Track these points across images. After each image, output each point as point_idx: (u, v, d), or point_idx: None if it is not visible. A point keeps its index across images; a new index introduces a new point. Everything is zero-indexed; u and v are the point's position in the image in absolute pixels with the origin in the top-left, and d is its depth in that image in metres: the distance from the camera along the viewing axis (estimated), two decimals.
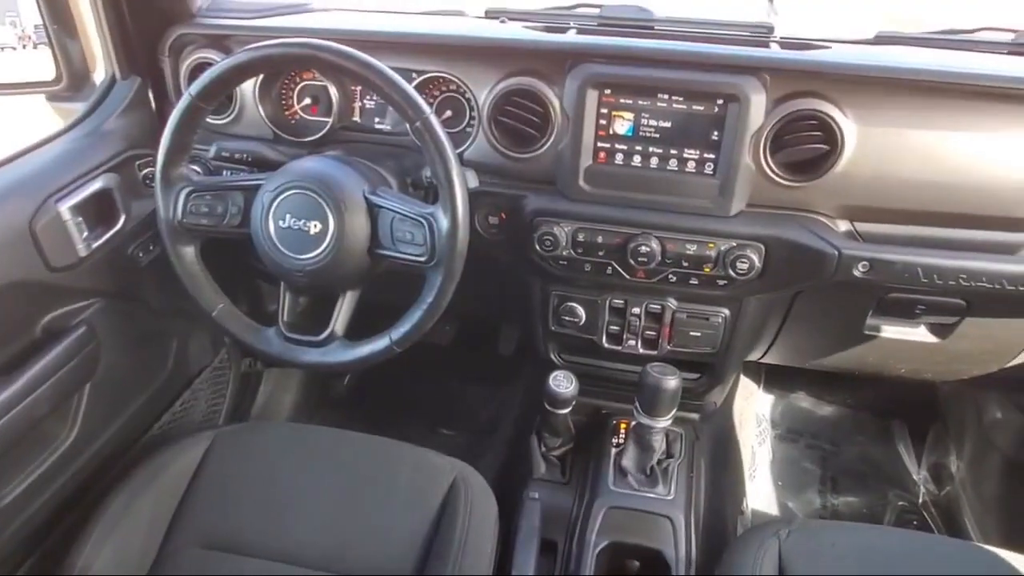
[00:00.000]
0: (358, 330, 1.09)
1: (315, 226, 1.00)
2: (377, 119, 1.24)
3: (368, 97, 1.23)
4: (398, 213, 1.00)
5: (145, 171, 1.24)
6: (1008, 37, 1.22)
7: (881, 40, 1.23)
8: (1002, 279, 1.05)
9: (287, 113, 1.27)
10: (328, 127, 1.22)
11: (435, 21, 1.34)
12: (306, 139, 1.23)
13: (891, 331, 1.28)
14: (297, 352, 1.09)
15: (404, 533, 1.06)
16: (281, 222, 1.01)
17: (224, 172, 1.24)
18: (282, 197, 1.01)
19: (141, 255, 1.24)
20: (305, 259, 1.01)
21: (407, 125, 0.96)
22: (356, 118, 1.24)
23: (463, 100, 1.18)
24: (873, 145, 1.04)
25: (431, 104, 1.15)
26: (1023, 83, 1.02)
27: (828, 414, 2.00)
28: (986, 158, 1.04)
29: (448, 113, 1.19)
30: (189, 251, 1.09)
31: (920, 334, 1.27)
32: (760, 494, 1.77)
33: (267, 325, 1.13)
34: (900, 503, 1.78)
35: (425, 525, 1.07)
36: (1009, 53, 1.20)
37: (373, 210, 1.01)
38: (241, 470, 1.15)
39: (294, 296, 1.11)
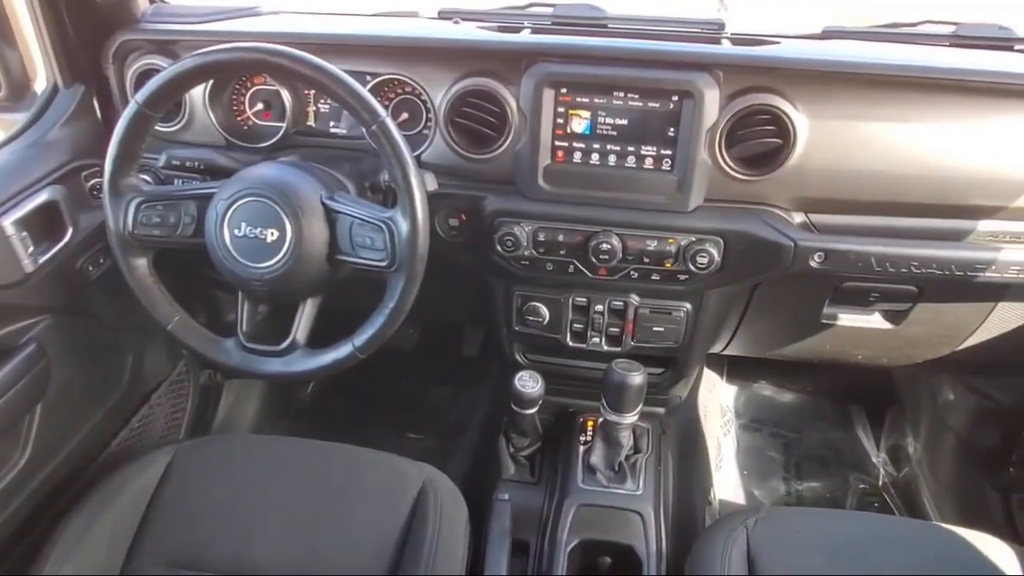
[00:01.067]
0: (320, 338, 1.08)
1: (272, 234, 0.98)
2: (332, 123, 1.22)
3: (322, 101, 1.21)
4: (357, 218, 0.99)
5: (92, 182, 1.21)
6: (949, 30, 1.26)
7: (828, 35, 1.25)
8: (951, 265, 1.09)
9: (239, 119, 1.24)
10: (282, 132, 1.20)
11: (388, 23, 1.32)
12: (260, 145, 1.21)
13: (847, 319, 1.31)
14: (258, 362, 1.07)
15: (374, 540, 1.05)
16: (237, 231, 0.99)
17: (176, 181, 1.21)
18: (237, 205, 0.99)
19: (91, 269, 1.21)
20: (263, 268, 0.99)
21: (363, 129, 0.95)
22: (311, 122, 1.22)
23: (419, 102, 1.17)
24: (824, 138, 1.06)
25: (387, 107, 1.14)
26: (964, 75, 1.05)
27: (789, 402, 2.04)
28: (932, 148, 1.06)
29: (404, 115, 1.18)
30: (141, 263, 1.06)
31: (875, 321, 1.31)
32: (727, 484, 1.80)
33: (226, 336, 1.10)
34: (861, 486, 1.82)
35: (395, 531, 1.06)
36: (950, 45, 1.24)
37: (331, 216, 1.00)
38: (204, 485, 1.12)
39: (253, 305, 1.09)
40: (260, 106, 1.23)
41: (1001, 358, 1.36)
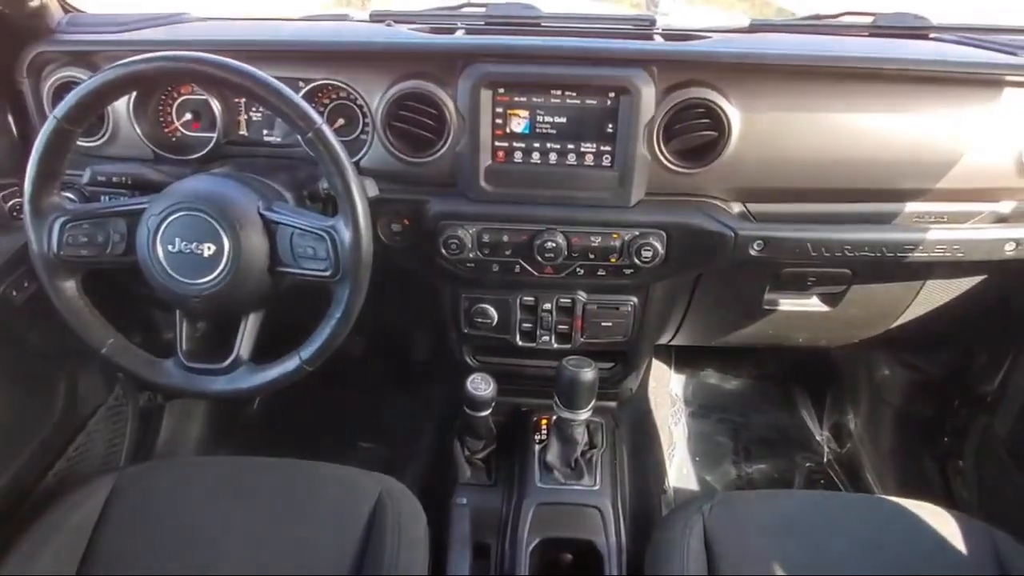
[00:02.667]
0: (266, 352, 1.05)
1: (208, 248, 0.95)
2: (266, 131, 1.19)
3: (254, 109, 1.18)
4: (297, 228, 0.96)
5: (12, 202, 1.15)
6: (868, 20, 1.31)
7: (755, 28, 1.28)
8: (882, 248, 1.13)
9: (167, 130, 1.20)
10: (213, 143, 1.16)
11: (319, 27, 1.30)
12: (190, 157, 1.16)
13: (787, 304, 1.34)
14: (201, 382, 1.04)
15: (331, 557, 1.03)
16: (170, 246, 0.96)
17: (102, 198, 1.15)
18: (169, 220, 0.96)
19: (14, 293, 1.14)
20: (201, 283, 0.96)
21: (299, 137, 0.93)
22: (243, 132, 1.19)
23: (355, 107, 1.15)
24: (757, 129, 1.09)
25: (321, 113, 1.12)
26: (884, 63, 1.09)
27: (735, 387, 2.09)
28: (858, 135, 1.10)
29: (341, 121, 1.15)
30: (69, 285, 1.01)
31: (813, 304, 1.35)
32: (680, 472, 1.83)
33: (165, 356, 1.06)
34: (807, 464, 1.88)
35: (353, 546, 1.04)
36: (870, 35, 1.29)
37: (270, 227, 0.97)
38: (149, 512, 1.08)
39: (192, 323, 1.05)
40: (188, 116, 1.18)
41: (931, 333, 1.42)
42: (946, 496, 1.61)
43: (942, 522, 1.07)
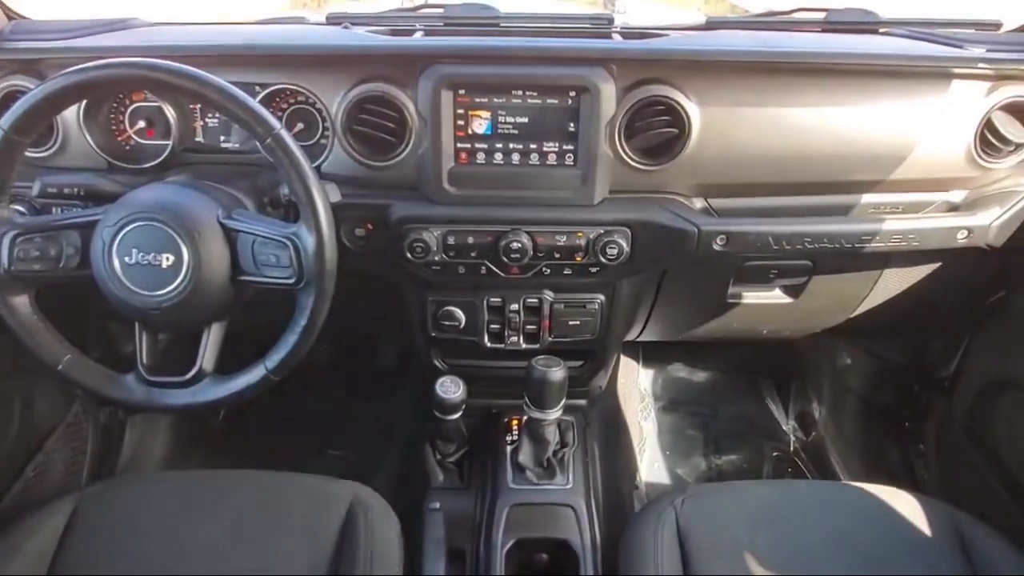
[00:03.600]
0: (230, 362, 1.03)
1: (167, 259, 0.93)
2: (223, 138, 1.16)
3: (210, 115, 1.16)
4: (259, 236, 0.95)
5: None
6: (820, 16, 1.33)
7: (712, 25, 1.30)
8: (841, 239, 1.15)
9: (120, 139, 1.16)
10: (168, 150, 1.13)
11: (274, 30, 1.28)
12: (145, 165, 1.13)
13: (751, 297, 1.36)
14: (163, 396, 1.01)
15: (304, 569, 1.01)
16: (127, 258, 0.93)
17: (54, 210, 1.12)
18: (125, 231, 0.93)
19: None
20: (160, 295, 0.94)
21: (257, 143, 0.91)
22: (199, 138, 1.16)
23: (314, 111, 1.13)
24: (716, 125, 1.10)
25: (280, 118, 1.10)
26: (836, 58, 1.12)
27: (703, 380, 2.12)
28: (814, 129, 1.12)
29: (300, 126, 1.14)
30: (22, 301, 0.98)
31: (776, 296, 1.37)
32: (651, 466, 1.84)
33: (125, 371, 1.03)
34: (775, 454, 1.91)
35: (326, 556, 1.02)
36: (822, 30, 1.31)
37: (231, 235, 0.95)
38: (113, 533, 1.05)
39: (152, 335, 1.03)
40: (142, 124, 1.15)
41: (890, 321, 1.46)
42: (909, 479, 1.65)
43: (906, 506, 1.10)
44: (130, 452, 1.67)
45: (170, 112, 1.12)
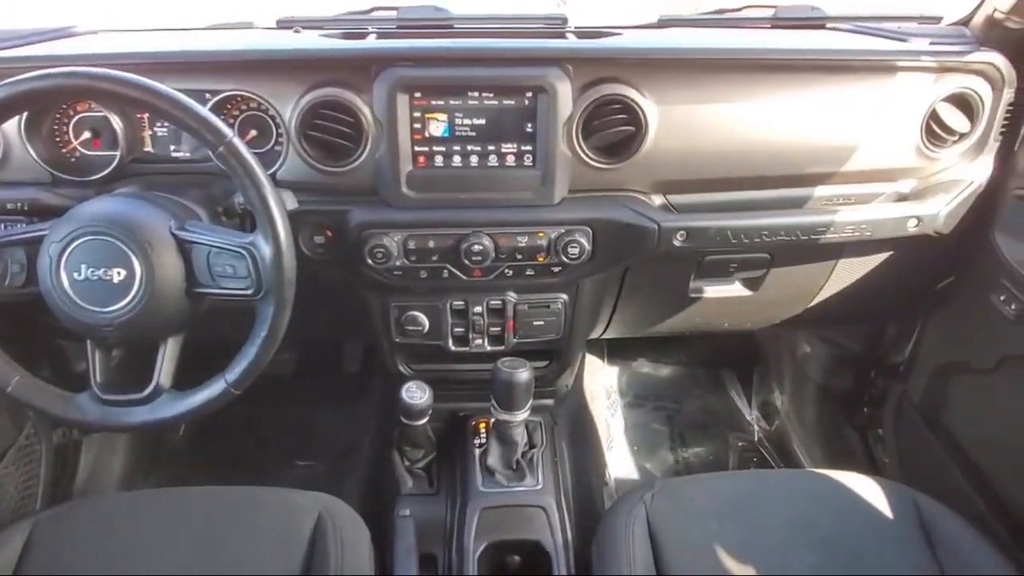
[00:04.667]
0: (189, 377, 1.00)
1: (119, 273, 0.90)
2: (173, 147, 1.13)
3: (159, 124, 1.12)
4: (213, 246, 0.93)
5: None
6: (769, 13, 1.35)
7: (664, 24, 1.31)
8: (797, 231, 1.17)
9: (64, 151, 1.12)
10: (116, 161, 1.09)
11: (223, 36, 1.25)
12: (92, 178, 1.10)
13: (711, 291, 1.38)
14: (120, 414, 0.98)
15: None
16: (76, 274, 0.90)
17: None
18: (73, 246, 0.90)
19: None
20: (113, 311, 0.91)
21: (209, 152, 0.89)
22: (148, 148, 1.13)
23: (267, 118, 1.11)
24: (673, 122, 1.11)
25: (232, 125, 1.08)
26: (786, 54, 1.15)
27: (667, 375, 2.14)
28: (767, 124, 1.14)
29: (253, 133, 1.11)
30: None
31: (736, 289, 1.39)
32: (619, 463, 1.85)
33: (78, 390, 1.00)
34: (740, 444, 1.94)
35: (295, 570, 1.01)
36: (772, 27, 1.33)
37: (184, 247, 0.93)
38: (72, 559, 1.01)
39: (105, 352, 1.00)
40: (87, 135, 1.12)
41: (846, 309, 1.49)
42: (869, 463, 1.69)
43: (867, 489, 1.12)
44: (87, 473, 1.61)
45: (117, 122, 1.09)
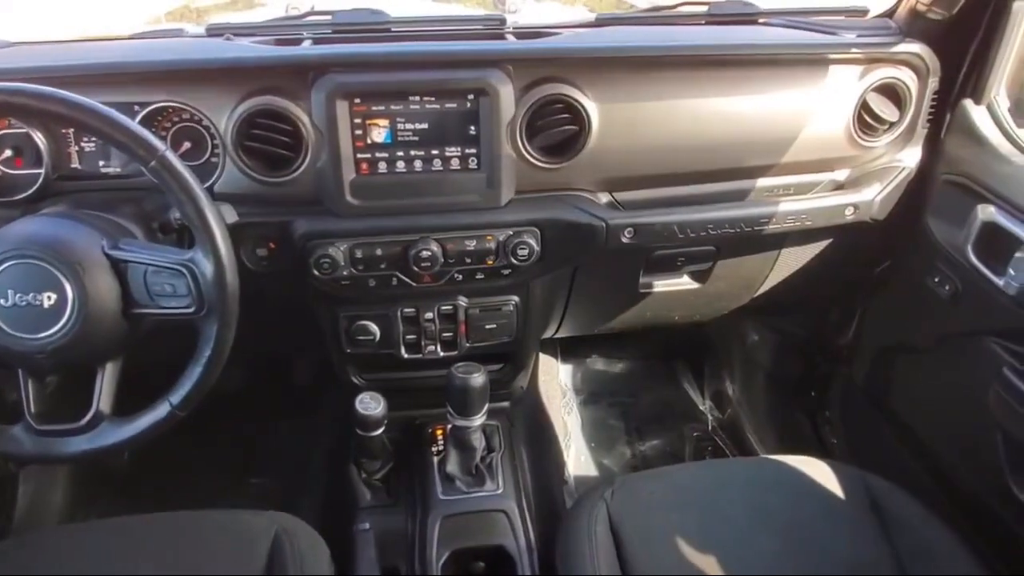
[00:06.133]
0: (131, 400, 0.96)
1: (49, 298, 0.86)
2: (102, 162, 1.08)
3: (85, 139, 1.07)
4: (150, 265, 0.89)
5: None
6: (703, 9, 1.38)
7: (602, 22, 1.32)
8: (740, 223, 1.19)
9: None
10: (41, 180, 1.04)
11: (151, 45, 1.21)
12: (15, 198, 1.04)
13: (661, 285, 1.40)
14: (57, 445, 0.94)
15: None
16: (3, 300, 0.86)
17: None
18: None
19: None
20: (44, 338, 0.87)
21: (141, 166, 0.86)
22: (75, 165, 1.08)
23: (201, 128, 1.07)
24: (615, 120, 1.12)
25: (163, 138, 1.04)
26: (721, 50, 1.16)
27: (621, 370, 2.15)
28: (705, 119, 1.15)
29: (187, 145, 1.07)
30: None
31: (684, 283, 1.41)
32: (578, 460, 1.86)
33: (11, 421, 0.95)
34: (695, 434, 1.96)
35: None
36: (706, 23, 1.35)
37: (119, 266, 0.89)
38: None
39: (39, 380, 0.95)
40: (9, 153, 1.06)
41: (791, 298, 1.53)
42: (819, 446, 1.74)
43: (819, 473, 1.15)
44: (25, 506, 1.54)
45: (40, 139, 1.04)
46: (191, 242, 0.89)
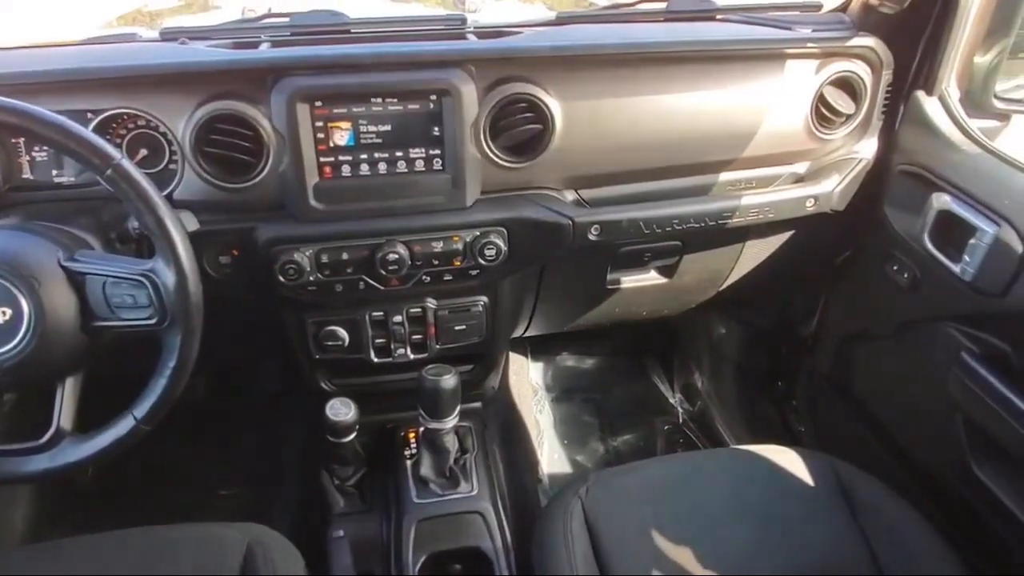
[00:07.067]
0: (93, 416, 0.94)
1: (4, 313, 0.83)
2: (55, 172, 1.05)
3: (37, 148, 1.04)
4: (109, 276, 0.86)
5: None
6: (662, 6, 1.39)
7: (562, 21, 1.32)
8: (705, 217, 1.21)
9: None
10: None
11: (104, 50, 1.17)
12: None
13: (628, 281, 1.41)
14: (16, 465, 0.91)
15: None
16: None
17: None
18: None
19: None
20: (0, 354, 0.84)
21: (96, 175, 0.83)
22: (27, 175, 1.04)
23: (158, 135, 1.05)
24: (578, 118, 1.12)
25: (119, 146, 1.02)
26: (683, 46, 1.17)
27: (591, 367, 2.16)
28: (667, 115, 1.16)
29: (143, 152, 1.05)
30: None
31: (651, 278, 1.42)
32: (551, 458, 1.86)
33: None
34: (666, 428, 1.98)
35: None
36: (665, 20, 1.36)
37: (76, 279, 0.87)
38: None
39: None
40: None
41: (755, 290, 1.55)
42: (787, 435, 1.77)
43: (788, 461, 1.17)
44: None
45: None
46: (151, 252, 0.87)
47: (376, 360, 1.27)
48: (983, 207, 1.06)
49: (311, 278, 1.10)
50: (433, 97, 1.06)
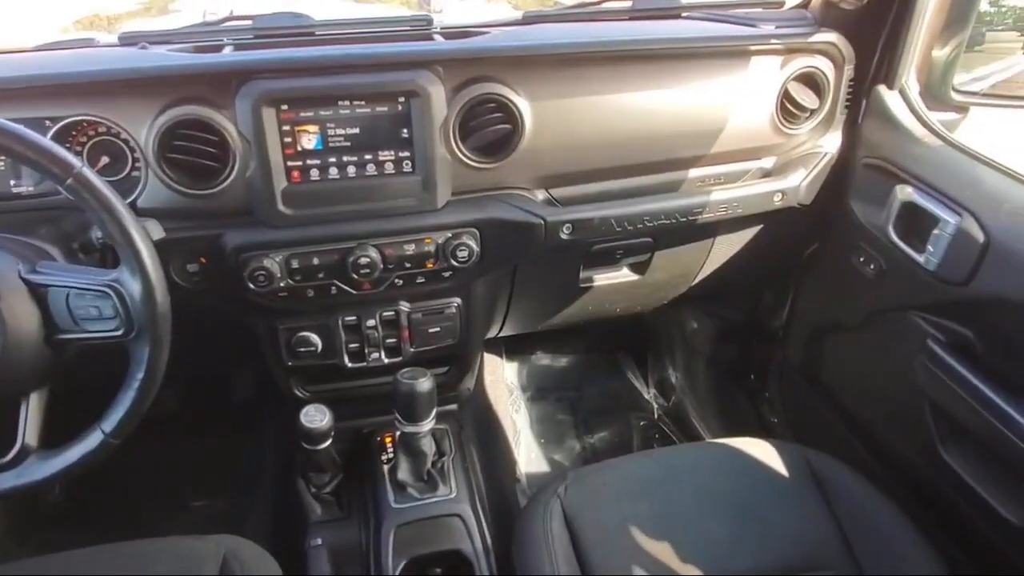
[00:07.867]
0: (59, 430, 0.91)
1: None
2: (13, 181, 1.02)
3: None
4: (72, 288, 0.84)
5: None
6: (626, 5, 1.40)
7: (529, 20, 1.32)
8: (675, 214, 1.21)
9: None
10: None
11: (61, 56, 1.15)
12: None
13: (601, 279, 1.41)
14: None
15: None
16: None
17: None
18: None
19: None
20: None
21: (56, 185, 0.81)
22: None
23: (119, 142, 1.02)
24: (547, 117, 1.12)
25: (79, 154, 0.99)
26: (649, 44, 1.18)
27: (566, 365, 2.17)
28: (634, 113, 1.17)
29: (105, 160, 1.02)
30: None
31: (624, 275, 1.43)
32: (529, 457, 1.87)
33: None
34: (641, 423, 2.00)
35: None
36: (630, 18, 1.37)
37: (37, 291, 0.84)
38: None
39: None
40: None
41: (726, 284, 1.57)
42: (761, 426, 1.79)
43: (763, 453, 1.18)
44: None
45: None
46: (115, 262, 0.85)
47: (350, 365, 1.26)
48: (945, 198, 1.08)
49: (282, 284, 1.09)
50: (401, 99, 1.05)
